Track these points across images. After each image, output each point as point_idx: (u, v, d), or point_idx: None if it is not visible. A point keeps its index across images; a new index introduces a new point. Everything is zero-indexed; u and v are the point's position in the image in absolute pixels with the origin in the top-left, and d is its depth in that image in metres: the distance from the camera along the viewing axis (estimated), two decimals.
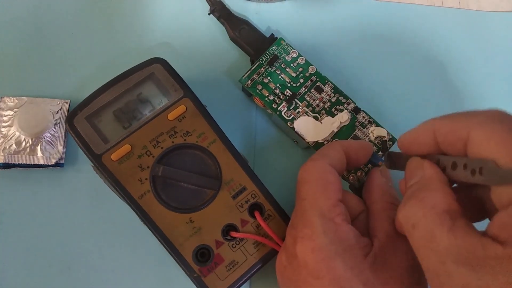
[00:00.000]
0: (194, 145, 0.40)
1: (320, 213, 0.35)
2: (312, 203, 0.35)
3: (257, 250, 0.40)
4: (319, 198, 0.35)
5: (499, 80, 0.51)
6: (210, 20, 0.49)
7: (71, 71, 0.47)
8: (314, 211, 0.35)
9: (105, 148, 0.39)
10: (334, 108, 0.45)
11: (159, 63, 0.41)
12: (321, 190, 0.36)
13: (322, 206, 0.35)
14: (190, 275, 0.39)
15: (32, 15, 0.48)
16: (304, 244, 0.34)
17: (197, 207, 0.40)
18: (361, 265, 0.33)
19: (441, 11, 0.52)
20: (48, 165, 0.44)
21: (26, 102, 0.44)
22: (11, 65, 0.47)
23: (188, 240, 0.39)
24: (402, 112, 0.49)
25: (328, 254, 0.33)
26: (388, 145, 0.45)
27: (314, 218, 0.34)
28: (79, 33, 0.48)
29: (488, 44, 0.51)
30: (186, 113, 0.41)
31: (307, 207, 0.35)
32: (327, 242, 0.34)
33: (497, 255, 0.26)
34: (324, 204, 0.35)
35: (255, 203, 0.41)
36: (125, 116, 0.41)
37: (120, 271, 0.44)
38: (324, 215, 0.35)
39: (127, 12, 0.49)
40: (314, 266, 0.33)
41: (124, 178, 0.39)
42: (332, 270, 0.33)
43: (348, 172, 0.44)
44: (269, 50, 0.46)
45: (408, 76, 0.50)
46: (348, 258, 0.33)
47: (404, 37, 0.51)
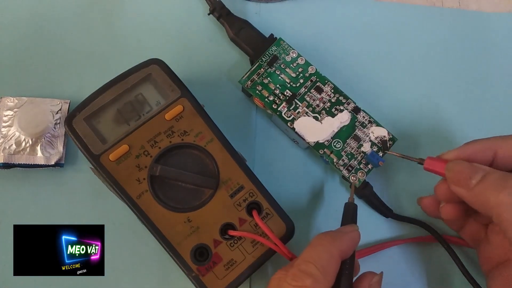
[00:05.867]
0: (192, 145, 0.40)
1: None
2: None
3: (256, 249, 0.40)
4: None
5: (499, 80, 0.50)
6: (209, 20, 0.49)
7: (71, 71, 0.47)
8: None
9: (103, 149, 0.40)
10: (334, 108, 0.45)
11: (156, 64, 0.42)
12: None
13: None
14: (189, 274, 0.39)
15: (32, 15, 0.48)
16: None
17: (195, 206, 0.40)
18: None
19: (441, 11, 0.52)
20: (48, 165, 0.44)
21: (26, 102, 0.44)
22: (11, 65, 0.47)
23: (186, 239, 0.39)
24: (402, 111, 0.49)
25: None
26: (388, 144, 0.44)
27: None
28: (79, 33, 0.49)
29: (488, 44, 0.51)
30: (183, 113, 0.41)
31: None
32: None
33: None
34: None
35: (253, 202, 0.41)
36: (123, 117, 0.41)
37: (120, 271, 0.44)
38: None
39: (127, 12, 0.49)
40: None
41: (122, 178, 0.39)
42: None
43: (348, 172, 0.44)
44: (269, 50, 0.46)
45: (408, 75, 0.50)
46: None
47: (404, 37, 0.51)
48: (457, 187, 0.37)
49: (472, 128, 0.49)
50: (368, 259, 0.44)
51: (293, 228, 0.41)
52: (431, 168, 0.39)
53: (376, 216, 0.46)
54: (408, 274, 0.46)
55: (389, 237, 0.46)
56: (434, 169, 0.39)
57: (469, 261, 0.45)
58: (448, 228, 0.45)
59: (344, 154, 0.44)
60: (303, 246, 0.36)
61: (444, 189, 0.39)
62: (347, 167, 0.44)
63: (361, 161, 0.44)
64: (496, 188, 0.34)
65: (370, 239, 0.46)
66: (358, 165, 0.44)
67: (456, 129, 0.49)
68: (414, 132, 0.48)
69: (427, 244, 0.46)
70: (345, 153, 0.44)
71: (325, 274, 0.34)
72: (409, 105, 0.49)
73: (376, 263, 0.41)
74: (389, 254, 0.45)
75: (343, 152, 0.44)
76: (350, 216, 0.40)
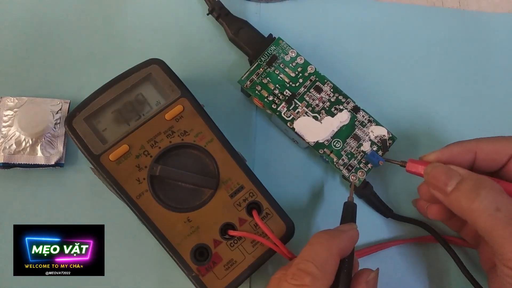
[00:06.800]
0: (192, 145, 0.40)
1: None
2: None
3: (256, 249, 0.40)
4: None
5: (499, 80, 0.50)
6: (209, 20, 0.49)
7: (71, 71, 0.47)
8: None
9: (103, 149, 0.40)
10: (333, 107, 0.45)
11: (156, 63, 0.42)
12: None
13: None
14: (188, 274, 0.39)
15: (32, 15, 0.48)
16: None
17: (195, 206, 0.40)
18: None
19: (441, 11, 0.52)
20: (48, 165, 0.44)
21: (26, 102, 0.44)
22: (11, 65, 0.47)
23: (186, 239, 0.39)
24: (401, 111, 0.49)
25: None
26: (388, 143, 0.44)
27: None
28: (79, 33, 0.49)
29: (488, 44, 0.51)
30: (183, 112, 0.41)
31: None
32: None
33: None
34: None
35: (253, 202, 0.41)
36: (123, 117, 0.41)
37: (120, 271, 0.44)
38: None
39: (127, 12, 0.49)
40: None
41: (122, 178, 0.40)
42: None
43: (348, 172, 0.44)
44: (268, 50, 0.46)
45: (407, 75, 0.50)
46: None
47: (404, 37, 0.51)
48: (435, 191, 0.37)
49: (472, 128, 0.49)
50: (368, 259, 0.44)
51: (293, 228, 0.41)
52: (413, 170, 0.40)
53: (376, 216, 0.46)
54: (408, 274, 0.46)
55: (389, 237, 0.46)
56: (416, 171, 0.40)
57: (469, 261, 0.45)
58: (448, 228, 0.44)
59: (344, 153, 0.44)
60: (303, 246, 0.36)
61: (427, 191, 0.40)
62: (347, 167, 0.44)
63: (361, 160, 0.44)
64: (470, 196, 0.35)
65: (370, 239, 0.46)
66: (358, 164, 0.44)
67: (456, 128, 0.49)
68: (414, 131, 0.48)
69: (427, 244, 0.46)
70: (345, 152, 0.44)
71: (324, 273, 0.34)
72: (408, 105, 0.49)
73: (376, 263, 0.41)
74: (389, 254, 0.45)
75: (343, 151, 0.44)
76: (349, 215, 0.40)
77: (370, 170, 0.44)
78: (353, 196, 0.41)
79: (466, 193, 0.35)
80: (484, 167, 0.39)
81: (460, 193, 0.35)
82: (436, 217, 0.41)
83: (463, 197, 0.35)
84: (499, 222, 0.33)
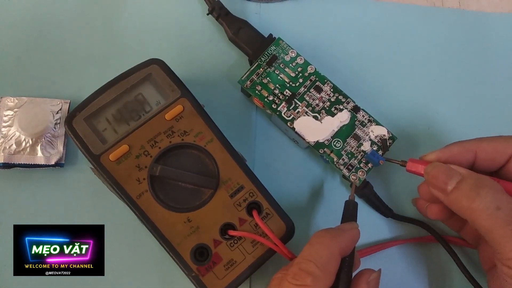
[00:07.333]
0: (192, 145, 0.40)
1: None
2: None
3: (256, 249, 0.40)
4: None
5: (499, 80, 0.50)
6: (209, 20, 0.49)
7: (71, 71, 0.47)
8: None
9: (103, 149, 0.40)
10: (333, 107, 0.45)
11: (156, 63, 0.41)
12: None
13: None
14: (188, 274, 0.39)
15: (32, 15, 0.48)
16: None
17: (195, 206, 0.40)
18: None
19: (441, 11, 0.52)
20: (48, 165, 0.44)
21: (26, 102, 0.44)
22: (11, 65, 0.47)
23: (186, 239, 0.39)
24: (401, 111, 0.49)
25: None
26: (388, 143, 0.44)
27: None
28: (79, 33, 0.49)
29: (488, 44, 0.51)
30: (183, 113, 0.41)
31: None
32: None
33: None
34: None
35: (253, 202, 0.41)
36: (123, 117, 0.41)
37: (120, 271, 0.44)
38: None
39: (127, 13, 0.49)
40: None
41: (122, 178, 0.39)
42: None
43: (349, 171, 0.44)
44: (268, 50, 0.46)
45: (407, 75, 0.50)
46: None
47: (404, 37, 0.51)
48: (435, 190, 0.37)
49: (472, 128, 0.49)
50: (368, 259, 0.44)
51: (293, 228, 0.41)
52: (414, 170, 0.40)
53: (376, 216, 0.46)
54: (408, 274, 0.46)
55: (389, 237, 0.46)
56: (416, 171, 0.40)
57: (469, 261, 0.45)
58: (448, 228, 0.45)
59: (344, 153, 0.44)
60: (303, 245, 0.36)
61: (427, 190, 0.40)
62: (347, 166, 0.44)
63: (361, 160, 0.44)
64: (470, 196, 0.35)
65: (370, 239, 0.46)
66: (358, 164, 0.44)
67: (456, 128, 0.49)
68: (414, 131, 0.48)
69: (427, 244, 0.46)
70: (345, 152, 0.44)
71: (325, 272, 0.34)
72: (408, 105, 0.49)
73: (376, 263, 0.41)
74: (389, 254, 0.45)
75: (343, 151, 0.44)
76: (350, 213, 0.40)
77: (370, 169, 0.44)
78: (354, 195, 0.41)
79: (466, 192, 0.35)
80: (484, 166, 0.39)
81: (460, 192, 0.35)
82: (436, 217, 0.41)
83: (464, 197, 0.35)
84: (499, 222, 0.33)
